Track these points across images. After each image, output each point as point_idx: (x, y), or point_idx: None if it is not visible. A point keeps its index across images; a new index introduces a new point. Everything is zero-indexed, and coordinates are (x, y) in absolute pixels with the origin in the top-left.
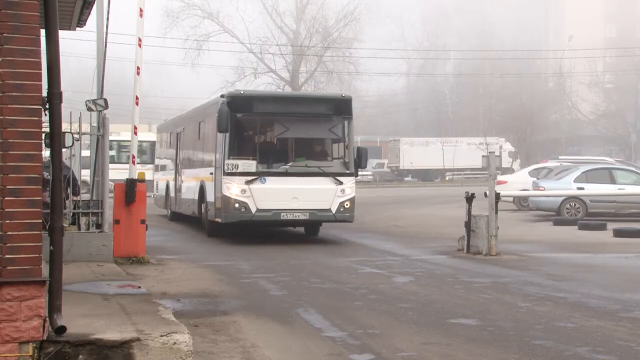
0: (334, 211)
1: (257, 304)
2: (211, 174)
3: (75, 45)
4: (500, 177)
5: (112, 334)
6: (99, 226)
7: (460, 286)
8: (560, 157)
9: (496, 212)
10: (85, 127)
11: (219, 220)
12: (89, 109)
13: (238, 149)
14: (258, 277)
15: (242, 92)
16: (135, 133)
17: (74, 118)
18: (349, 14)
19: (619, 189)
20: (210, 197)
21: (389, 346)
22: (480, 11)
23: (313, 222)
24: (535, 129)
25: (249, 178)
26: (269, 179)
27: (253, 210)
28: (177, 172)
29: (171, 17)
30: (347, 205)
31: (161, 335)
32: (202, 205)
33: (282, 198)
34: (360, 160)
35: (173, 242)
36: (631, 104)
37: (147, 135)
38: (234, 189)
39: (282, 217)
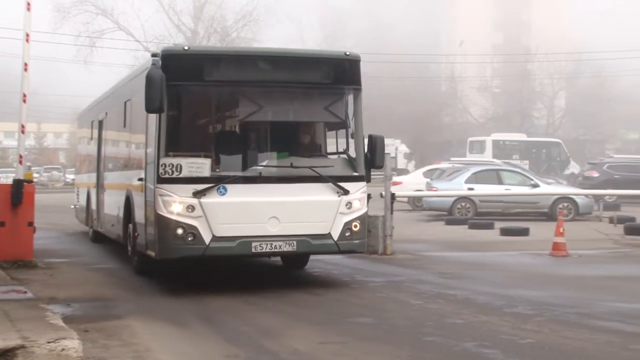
0: (335, 237)
1: (152, 307)
2: (140, 180)
3: None
4: (395, 178)
5: None
6: None
7: (356, 285)
8: (451, 159)
9: (391, 212)
10: None
11: (151, 253)
12: None
13: (180, 140)
14: (153, 279)
15: (185, 48)
16: (23, 132)
17: None
18: (247, 14)
19: (505, 190)
20: (139, 216)
21: (287, 346)
22: (376, 15)
23: (303, 254)
24: (430, 131)
25: (200, 187)
26: (231, 188)
27: (207, 238)
28: (98, 177)
29: (62, 12)
30: (355, 227)
31: (48, 342)
32: (129, 227)
33: (254, 218)
34: (374, 157)
35: (64, 245)
36: (516, 109)
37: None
38: (175, 205)
39: (253, 250)
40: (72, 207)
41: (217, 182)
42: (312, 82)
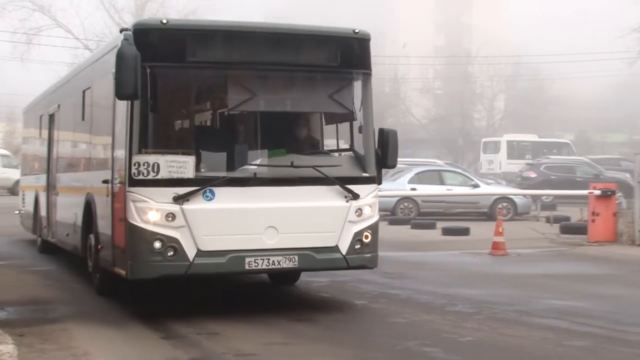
0: (344, 250)
1: (91, 310)
2: (105, 182)
3: None
4: None
5: None
6: None
7: (300, 285)
8: None
9: None
10: None
11: (121, 271)
12: None
13: (157, 134)
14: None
15: (163, 22)
16: None
17: None
18: (190, 13)
19: (447, 190)
20: (103, 225)
21: (230, 347)
22: (319, 15)
23: (306, 270)
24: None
25: (182, 190)
26: (220, 191)
27: (190, 253)
28: (49, 179)
29: None
30: (366, 238)
31: None
32: (90, 237)
33: (247, 229)
34: (386, 154)
35: None
36: (458, 110)
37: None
38: (151, 212)
39: (247, 266)
40: (17, 212)
41: (202, 184)
42: (315, 65)
